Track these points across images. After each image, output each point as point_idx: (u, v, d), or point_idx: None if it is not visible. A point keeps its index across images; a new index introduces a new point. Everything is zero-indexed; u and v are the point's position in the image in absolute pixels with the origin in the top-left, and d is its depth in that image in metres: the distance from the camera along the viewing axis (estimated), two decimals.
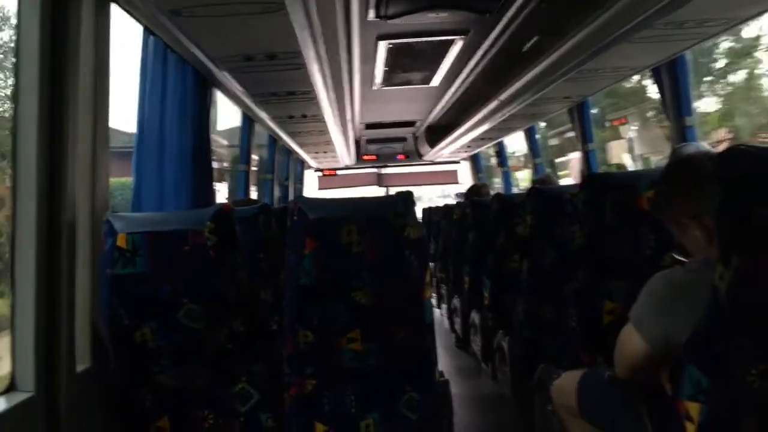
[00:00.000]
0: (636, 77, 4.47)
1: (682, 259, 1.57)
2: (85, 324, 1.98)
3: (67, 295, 1.81)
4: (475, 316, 4.08)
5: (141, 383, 2.02)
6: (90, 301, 2.00)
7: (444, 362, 4.48)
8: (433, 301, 6.54)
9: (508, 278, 3.30)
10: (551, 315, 2.81)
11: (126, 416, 2.03)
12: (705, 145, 3.02)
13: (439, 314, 6.26)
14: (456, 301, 4.85)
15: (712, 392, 1.22)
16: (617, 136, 10.66)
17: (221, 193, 6.77)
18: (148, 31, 2.69)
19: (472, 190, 5.42)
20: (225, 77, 3.34)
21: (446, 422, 2.23)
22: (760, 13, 2.73)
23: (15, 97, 1.73)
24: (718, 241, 1.21)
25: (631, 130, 10.53)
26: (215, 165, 3.83)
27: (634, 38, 2.93)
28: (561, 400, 1.99)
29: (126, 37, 2.77)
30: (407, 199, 2.06)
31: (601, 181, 2.11)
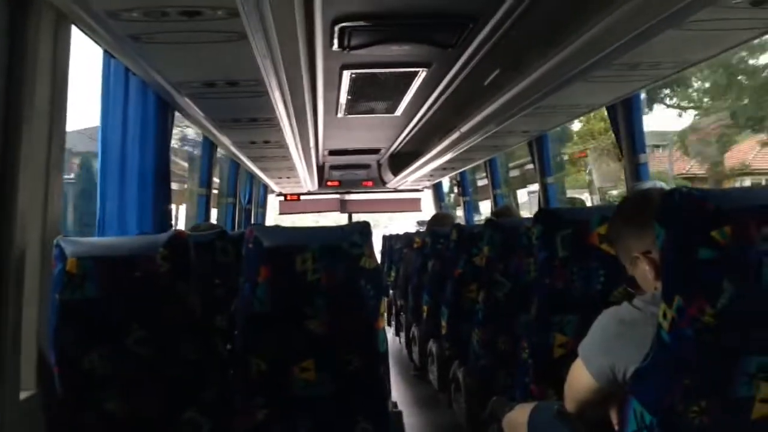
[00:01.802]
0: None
1: (633, 291, 1.61)
2: (31, 349, 1.93)
3: (12, 319, 1.76)
4: (432, 345, 4.08)
5: (88, 410, 1.97)
6: (37, 325, 1.95)
7: (401, 391, 4.48)
8: (392, 329, 6.59)
9: (465, 308, 3.32)
10: (505, 346, 2.83)
11: None
12: (662, 184, 3.10)
13: (397, 343, 6.25)
14: (414, 330, 4.85)
15: (655, 428, 1.24)
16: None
17: (182, 215, 6.67)
18: (108, 54, 2.67)
19: (434, 219, 5.44)
20: (186, 102, 3.32)
21: None
22: (708, 57, 2.83)
23: None
24: (662, 280, 1.25)
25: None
26: (175, 187, 3.80)
27: (590, 77, 3.01)
28: None
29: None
30: (364, 229, 2.07)
31: (554, 216, 2.15)
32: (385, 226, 12.53)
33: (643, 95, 3.59)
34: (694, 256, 1.15)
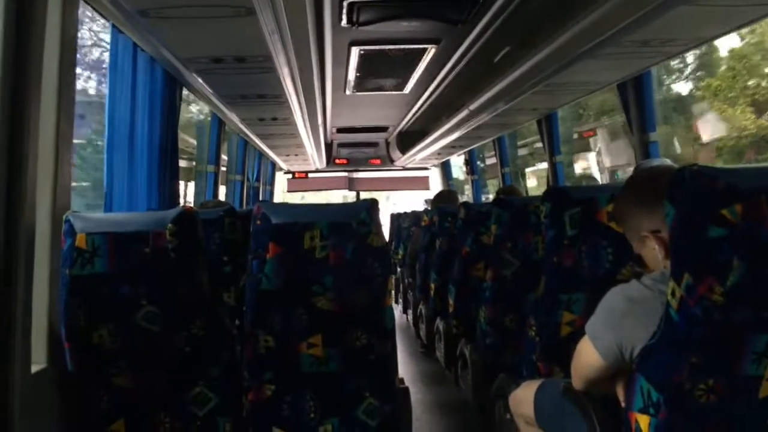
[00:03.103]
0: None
1: (640, 270, 1.60)
2: (41, 324, 1.94)
3: (23, 294, 1.77)
4: (439, 323, 4.10)
5: (97, 385, 1.99)
6: (48, 300, 1.96)
7: (408, 368, 4.51)
8: (400, 306, 6.62)
9: (472, 286, 3.32)
10: (512, 324, 2.83)
11: (81, 418, 2.00)
12: (669, 161, 3.08)
13: (405, 320, 6.28)
14: (422, 308, 4.87)
15: (662, 406, 1.25)
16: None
17: (190, 192, 6.69)
18: (116, 29, 2.66)
19: (439, 197, 5.44)
20: (194, 78, 3.32)
21: (406, 429, 2.24)
22: (721, 34, 2.80)
23: None
24: (671, 258, 1.24)
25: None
26: (183, 164, 3.81)
27: (600, 54, 2.99)
28: (519, 410, 2.01)
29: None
30: (371, 207, 2.06)
31: (562, 194, 2.14)
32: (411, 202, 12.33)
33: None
34: (704, 234, 1.15)
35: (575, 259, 2.09)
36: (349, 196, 10.81)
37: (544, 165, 5.53)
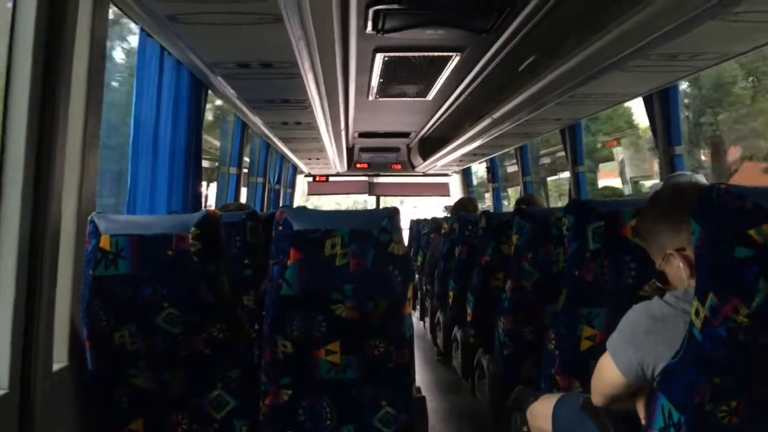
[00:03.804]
0: None
1: (662, 287, 1.58)
2: (64, 323, 1.97)
3: (47, 293, 1.79)
4: (457, 332, 4.09)
5: (117, 384, 2.02)
6: (70, 300, 1.99)
7: (425, 376, 4.49)
8: (417, 313, 6.61)
9: (492, 296, 3.31)
10: (531, 336, 2.81)
11: (101, 416, 2.02)
12: (697, 176, 3.05)
13: (422, 327, 6.27)
14: (440, 316, 4.86)
15: (683, 426, 1.23)
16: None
17: (211, 194, 6.74)
18: (144, 33, 2.69)
19: (459, 204, 5.41)
20: (219, 82, 3.34)
21: None
22: (750, 49, 2.77)
23: (5, 92, 1.72)
24: (696, 278, 1.23)
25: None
26: (205, 164, 3.84)
27: (627, 66, 2.97)
28: (537, 423, 2.00)
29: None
30: (393, 215, 2.06)
31: (586, 207, 2.12)
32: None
33: None
34: (730, 254, 1.13)
35: (597, 273, 2.07)
36: (360, 201, 10.80)
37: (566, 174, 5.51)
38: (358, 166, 9.34)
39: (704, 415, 1.21)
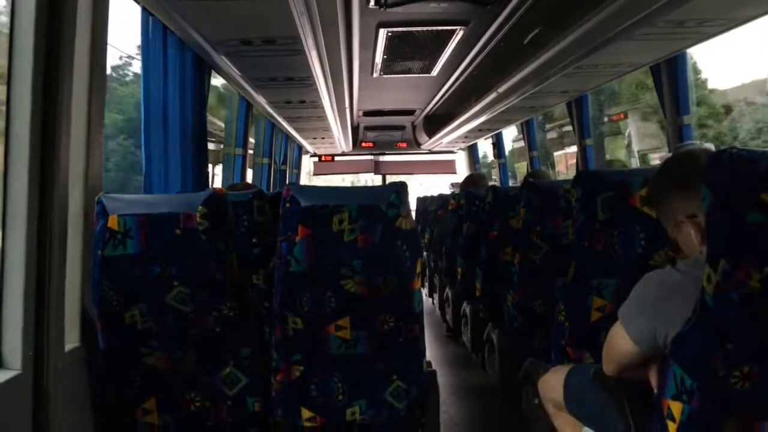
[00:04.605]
0: None
1: (674, 255, 1.56)
2: (75, 303, 1.98)
3: (57, 274, 1.80)
4: (466, 307, 4.09)
5: (129, 364, 2.03)
6: (80, 280, 2.00)
7: (434, 351, 4.51)
8: (426, 290, 6.62)
9: (500, 270, 3.30)
10: (541, 309, 2.81)
11: (113, 396, 2.04)
12: (706, 145, 3.02)
13: (430, 304, 6.28)
14: (448, 292, 4.87)
15: (696, 392, 1.23)
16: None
17: (217, 176, 6.75)
18: (146, 12, 2.67)
19: (468, 180, 5.39)
20: (223, 60, 3.32)
21: (433, 412, 2.24)
22: (759, 15, 2.72)
23: (8, 75, 1.71)
24: (708, 244, 1.21)
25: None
26: (211, 146, 3.84)
27: (634, 35, 2.93)
28: (548, 394, 2.00)
29: None
30: (401, 189, 2.05)
31: (594, 178, 2.11)
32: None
33: None
34: (742, 219, 1.12)
35: (606, 243, 2.07)
36: (362, 179, 10.77)
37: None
38: (364, 144, 9.32)
39: (717, 381, 1.21)
